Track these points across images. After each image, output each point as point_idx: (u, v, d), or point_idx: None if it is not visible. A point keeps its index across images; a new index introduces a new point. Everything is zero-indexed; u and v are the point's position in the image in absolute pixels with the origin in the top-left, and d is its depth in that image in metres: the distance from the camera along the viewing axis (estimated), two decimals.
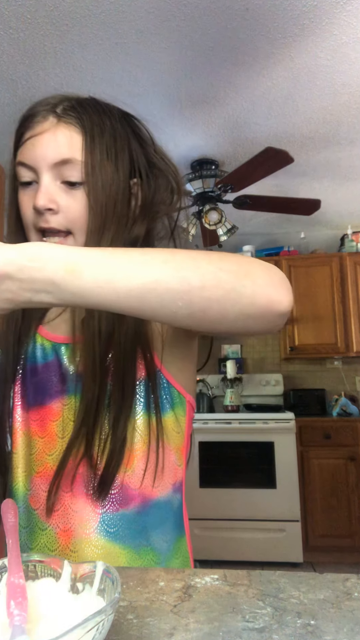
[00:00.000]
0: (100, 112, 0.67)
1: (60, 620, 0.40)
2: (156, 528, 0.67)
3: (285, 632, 0.42)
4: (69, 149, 0.64)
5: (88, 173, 0.64)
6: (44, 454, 0.67)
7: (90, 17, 1.89)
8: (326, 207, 3.43)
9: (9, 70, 2.20)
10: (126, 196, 0.68)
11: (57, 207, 0.65)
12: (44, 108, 0.67)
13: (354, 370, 4.08)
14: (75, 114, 0.66)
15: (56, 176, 0.65)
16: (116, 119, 0.68)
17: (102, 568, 0.42)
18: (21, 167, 0.67)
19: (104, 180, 0.65)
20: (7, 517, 0.47)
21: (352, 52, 2.09)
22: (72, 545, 0.64)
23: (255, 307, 0.50)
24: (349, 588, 0.50)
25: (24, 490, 0.68)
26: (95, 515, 0.64)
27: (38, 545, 0.65)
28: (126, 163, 0.67)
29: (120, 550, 0.64)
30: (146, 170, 0.69)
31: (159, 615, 0.45)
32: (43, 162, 0.65)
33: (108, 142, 0.66)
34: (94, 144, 0.65)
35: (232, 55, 2.12)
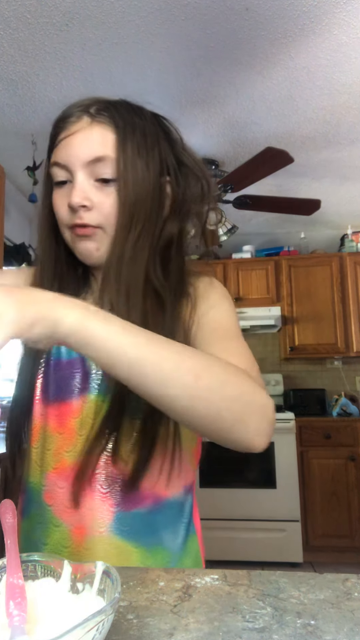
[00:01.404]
0: (131, 112, 0.69)
1: (60, 620, 0.40)
2: (167, 527, 0.68)
3: (285, 632, 0.41)
4: (102, 146, 0.66)
5: (120, 169, 0.66)
6: (62, 450, 0.67)
7: (90, 17, 1.89)
8: (326, 207, 3.43)
9: (9, 70, 2.20)
10: (157, 193, 0.69)
11: (91, 204, 0.66)
12: (78, 109, 0.69)
13: (354, 370, 4.08)
14: (108, 113, 0.68)
15: (90, 174, 0.67)
16: (147, 119, 0.70)
17: (102, 568, 0.42)
18: (56, 167, 0.70)
19: (134, 177, 0.66)
20: (6, 517, 0.47)
21: (352, 52, 2.09)
22: (85, 543, 0.64)
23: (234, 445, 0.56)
24: (349, 588, 0.50)
25: (39, 485, 0.69)
26: (110, 514, 0.65)
27: (52, 542, 0.66)
28: (156, 161, 0.69)
29: (133, 549, 0.65)
30: (175, 169, 0.71)
31: (159, 615, 0.45)
32: (77, 160, 0.67)
33: (139, 140, 0.67)
34: (126, 141, 0.66)
35: (232, 55, 2.12)
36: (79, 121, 0.68)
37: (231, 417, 0.52)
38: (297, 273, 3.91)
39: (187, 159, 0.72)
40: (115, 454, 0.64)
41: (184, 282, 0.72)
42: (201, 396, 0.50)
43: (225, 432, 0.54)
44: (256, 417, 0.54)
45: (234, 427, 0.53)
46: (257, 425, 0.54)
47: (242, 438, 0.54)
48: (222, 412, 0.52)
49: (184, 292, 0.71)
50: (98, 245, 0.68)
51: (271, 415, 0.56)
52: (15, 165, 2.88)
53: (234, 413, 0.53)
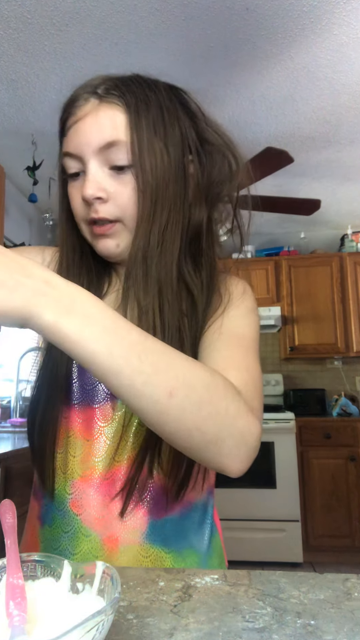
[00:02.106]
0: (144, 87, 0.63)
1: (60, 620, 0.40)
2: (196, 530, 0.67)
3: (285, 632, 0.41)
4: (112, 130, 0.60)
5: (135, 153, 0.60)
6: (90, 457, 0.64)
7: (90, 17, 1.89)
8: (326, 207, 3.43)
9: (9, 70, 2.20)
10: (180, 176, 0.62)
11: (107, 195, 0.61)
12: (86, 91, 0.63)
13: (354, 370, 4.08)
14: (118, 92, 0.61)
15: (103, 162, 0.61)
16: (162, 93, 0.64)
17: (102, 568, 0.41)
18: (67, 158, 0.63)
19: (153, 160, 0.60)
20: (6, 517, 0.46)
21: (352, 52, 2.09)
22: (118, 553, 0.62)
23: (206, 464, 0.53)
24: (349, 588, 0.50)
25: (64, 493, 0.64)
26: (144, 523, 0.63)
27: (81, 552, 0.62)
28: (176, 139, 0.62)
29: (166, 555, 0.64)
30: (197, 147, 0.64)
31: (159, 615, 0.45)
32: (87, 148, 0.60)
33: (155, 118, 0.61)
34: (140, 121, 0.60)
35: (232, 55, 2.12)
36: (87, 104, 0.62)
37: (203, 439, 0.49)
38: (297, 273, 3.91)
39: (210, 134, 0.65)
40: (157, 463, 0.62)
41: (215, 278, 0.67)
42: (171, 414, 0.47)
43: (195, 452, 0.50)
44: (232, 442, 0.50)
45: (206, 448, 0.50)
46: (231, 450, 0.51)
47: (214, 460, 0.51)
48: (192, 433, 0.48)
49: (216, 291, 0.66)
50: (118, 241, 0.64)
51: (252, 442, 0.52)
52: (15, 165, 2.88)
53: (206, 435, 0.49)
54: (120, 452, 0.63)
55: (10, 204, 3.10)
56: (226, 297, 0.66)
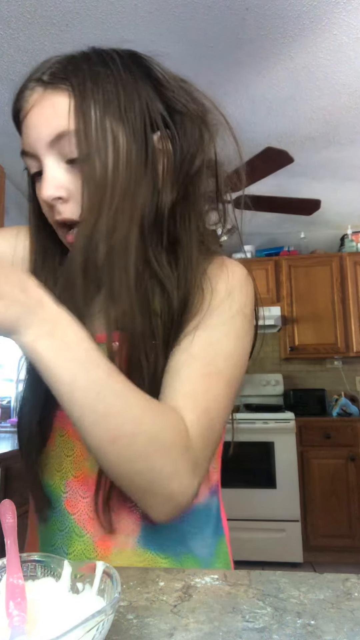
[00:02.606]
0: (96, 63, 0.56)
1: (60, 620, 0.40)
2: (196, 535, 0.64)
3: (285, 632, 0.41)
4: (57, 119, 0.53)
5: (81, 141, 0.52)
6: (82, 458, 0.63)
7: (90, 17, 1.89)
8: (326, 207, 3.43)
9: (9, 70, 2.20)
10: (141, 158, 0.55)
11: (67, 194, 0.55)
12: (32, 79, 0.56)
13: (354, 370, 4.08)
14: (64, 74, 0.54)
15: (59, 157, 0.54)
16: (117, 65, 0.56)
17: (102, 568, 0.41)
18: (26, 158, 0.58)
19: (102, 145, 0.53)
20: (6, 517, 0.46)
21: (352, 52, 2.09)
22: (111, 555, 0.61)
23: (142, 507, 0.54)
24: (349, 588, 0.50)
25: (59, 492, 0.64)
26: (136, 527, 0.61)
27: (75, 552, 0.61)
28: (136, 115, 0.54)
29: (162, 560, 0.62)
30: (165, 119, 0.56)
31: (159, 615, 0.45)
32: (39, 143, 0.55)
33: (107, 97, 0.53)
34: (87, 103, 0.52)
35: (232, 55, 2.12)
36: (33, 94, 0.55)
37: (132, 488, 0.51)
38: (297, 273, 3.91)
39: (177, 101, 0.57)
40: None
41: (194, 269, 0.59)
42: (109, 459, 0.49)
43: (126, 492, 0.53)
44: (159, 499, 0.51)
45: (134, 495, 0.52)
46: (157, 506, 0.52)
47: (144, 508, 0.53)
48: (124, 480, 0.51)
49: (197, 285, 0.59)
50: None
51: (181, 502, 0.52)
52: (15, 165, 2.87)
53: (137, 487, 0.51)
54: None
55: (10, 204, 3.10)
56: (208, 296, 0.58)
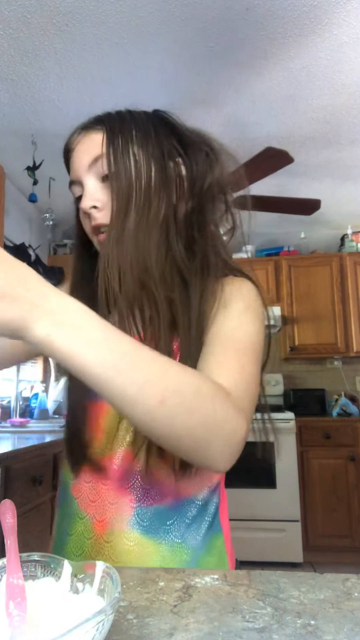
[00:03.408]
0: (123, 114, 0.72)
1: (60, 620, 0.40)
2: (189, 526, 0.68)
3: (285, 632, 0.41)
4: (94, 147, 0.68)
5: (110, 162, 0.67)
6: (90, 445, 0.70)
7: (90, 17, 1.89)
8: (326, 207, 3.42)
9: (9, 70, 2.20)
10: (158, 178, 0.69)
11: (101, 204, 0.68)
12: (77, 129, 0.73)
13: (354, 370, 4.08)
14: (99, 120, 0.71)
15: (94, 177, 0.69)
16: (140, 114, 0.72)
17: (102, 568, 0.42)
18: (73, 186, 0.72)
19: (127, 165, 0.67)
20: (6, 517, 0.46)
21: (352, 52, 2.09)
22: (106, 536, 0.67)
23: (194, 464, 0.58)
24: (349, 588, 0.50)
25: (68, 479, 0.73)
26: (129, 509, 0.67)
27: (76, 532, 0.69)
28: (152, 147, 0.69)
29: (153, 545, 0.66)
30: (180, 151, 0.71)
31: (159, 615, 0.45)
32: (81, 169, 0.70)
33: (128, 133, 0.69)
34: (115, 135, 0.68)
35: (232, 55, 2.12)
36: (77, 137, 0.72)
37: (192, 443, 0.52)
38: (297, 273, 3.91)
39: (189, 138, 0.72)
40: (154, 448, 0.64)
41: (210, 266, 0.71)
42: (162, 421, 0.50)
43: (183, 454, 0.54)
44: (219, 445, 0.53)
45: (194, 452, 0.53)
46: (218, 453, 0.54)
47: (201, 462, 0.55)
48: (182, 438, 0.51)
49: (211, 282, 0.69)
50: None
51: (237, 443, 0.55)
52: (15, 165, 2.88)
53: (195, 439, 0.52)
54: (113, 441, 0.68)
55: (10, 204, 3.10)
56: (220, 294, 0.68)
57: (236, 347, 0.64)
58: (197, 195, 0.71)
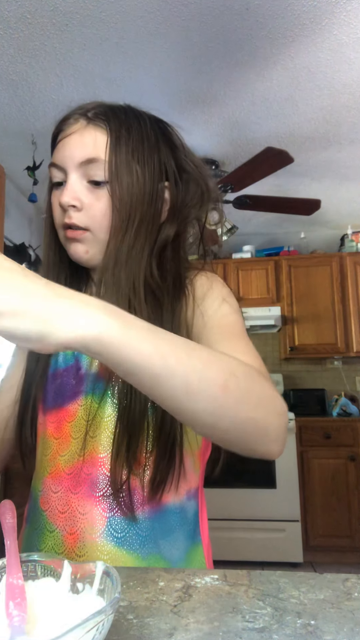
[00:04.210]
0: (130, 116, 0.69)
1: (60, 620, 0.40)
2: (167, 536, 0.65)
3: (285, 632, 0.41)
4: (93, 148, 0.66)
5: (112, 172, 0.66)
6: (57, 454, 0.67)
7: (90, 17, 1.89)
8: (326, 207, 3.43)
9: (9, 70, 2.20)
10: (153, 199, 0.68)
11: (81, 205, 0.67)
12: (78, 112, 0.70)
13: (354, 370, 4.08)
14: (105, 117, 0.68)
15: (82, 175, 0.67)
16: (146, 123, 0.70)
17: (102, 568, 0.42)
18: (53, 168, 0.70)
19: (128, 180, 0.66)
20: (5, 517, 0.46)
21: (352, 52, 2.09)
22: (77, 549, 0.62)
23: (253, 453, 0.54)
24: (349, 588, 0.50)
25: (37, 491, 0.69)
26: (103, 519, 0.63)
27: (46, 548, 0.64)
28: (154, 166, 0.68)
29: (127, 557, 0.62)
30: (175, 175, 0.70)
31: (159, 615, 0.45)
32: (70, 161, 0.67)
33: (135, 144, 0.67)
34: (119, 144, 0.66)
35: (232, 55, 2.12)
36: (76, 123, 0.69)
37: (254, 428, 0.50)
38: (297, 273, 3.91)
39: (188, 164, 0.72)
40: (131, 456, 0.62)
41: (181, 281, 0.71)
42: (228, 409, 0.47)
43: (245, 443, 0.51)
44: (275, 425, 0.51)
45: (256, 437, 0.51)
46: (276, 433, 0.52)
47: (262, 448, 0.52)
48: (246, 424, 0.49)
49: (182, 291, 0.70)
50: (87, 248, 0.68)
51: (286, 420, 0.54)
52: (15, 165, 2.88)
53: (257, 423, 0.50)
54: (82, 448, 0.65)
55: (10, 204, 3.10)
56: (190, 294, 0.69)
57: (232, 331, 0.65)
58: (177, 222, 0.71)
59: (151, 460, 0.64)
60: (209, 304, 0.68)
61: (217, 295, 0.70)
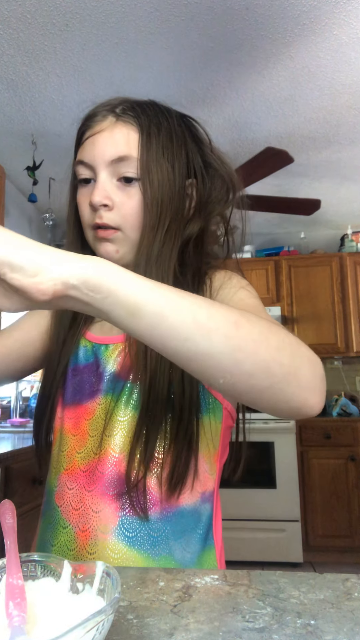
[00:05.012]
0: (157, 112, 0.70)
1: (60, 620, 0.40)
2: (179, 538, 0.64)
3: (285, 632, 0.41)
4: (125, 146, 0.66)
5: (144, 169, 0.65)
6: (74, 451, 0.68)
7: (90, 17, 1.89)
8: (326, 207, 3.43)
9: (9, 70, 2.20)
10: (181, 195, 0.68)
11: (112, 204, 0.66)
12: (104, 108, 0.69)
13: (354, 370, 4.08)
14: (134, 113, 0.67)
15: (113, 173, 0.66)
16: (174, 120, 0.70)
17: (102, 568, 0.41)
18: (80, 166, 0.69)
19: (159, 177, 0.66)
20: (5, 517, 0.46)
21: (352, 52, 2.09)
22: (89, 547, 0.63)
23: (288, 406, 0.49)
24: (349, 588, 0.50)
25: (52, 486, 0.69)
26: (115, 518, 0.63)
27: (58, 543, 0.65)
28: (182, 163, 0.68)
29: (138, 557, 0.62)
30: (202, 171, 0.70)
31: (159, 615, 0.45)
32: (101, 159, 0.66)
33: (164, 141, 0.67)
34: (150, 142, 0.66)
35: (232, 55, 2.12)
36: (104, 120, 0.68)
37: (281, 371, 0.46)
38: (297, 273, 3.91)
39: (214, 160, 0.71)
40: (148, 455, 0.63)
41: (200, 276, 0.71)
42: (246, 348, 0.44)
43: (277, 391, 0.46)
44: (307, 370, 0.47)
45: (287, 382, 0.46)
46: (309, 380, 0.47)
47: (295, 396, 0.47)
48: (270, 365, 0.45)
49: (201, 286, 0.70)
50: (118, 247, 0.68)
51: (321, 370, 0.49)
52: (15, 165, 2.88)
53: (283, 365, 0.46)
54: (99, 446, 0.66)
55: (10, 204, 3.10)
56: (208, 287, 0.69)
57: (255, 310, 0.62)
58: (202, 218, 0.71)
59: (168, 461, 0.64)
60: (226, 292, 0.68)
61: (235, 284, 0.69)
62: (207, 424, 0.67)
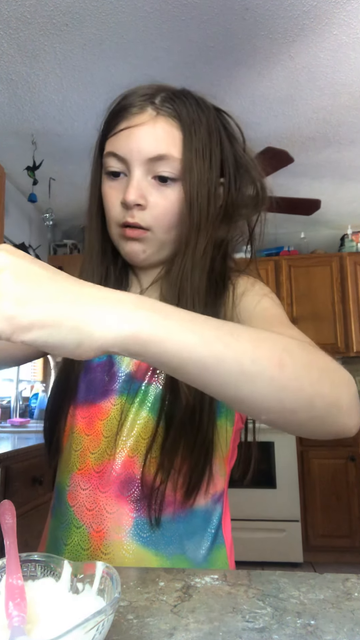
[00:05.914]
0: (195, 105, 0.66)
1: (60, 620, 0.40)
2: (191, 537, 0.65)
3: (285, 632, 0.41)
4: (167, 145, 0.63)
5: (185, 170, 0.63)
6: (87, 451, 0.66)
7: (90, 17, 1.89)
8: (326, 207, 3.43)
9: (9, 70, 2.20)
10: (216, 195, 0.66)
11: (146, 203, 0.63)
12: (142, 99, 0.65)
13: (354, 370, 4.07)
14: (174, 106, 0.64)
15: (148, 171, 0.63)
16: (210, 114, 0.67)
17: (102, 568, 0.41)
18: (112, 158, 0.65)
19: (199, 178, 0.63)
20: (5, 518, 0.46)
21: (352, 52, 2.09)
22: (103, 547, 0.63)
23: (327, 432, 0.48)
24: (349, 588, 0.50)
25: (64, 485, 0.68)
26: (129, 519, 0.63)
27: (72, 543, 0.65)
28: (217, 161, 0.66)
29: (152, 557, 0.62)
30: (234, 170, 0.68)
31: (159, 615, 0.45)
32: (138, 155, 0.63)
33: (204, 139, 0.64)
34: (192, 141, 0.63)
35: (232, 55, 2.12)
36: (143, 113, 0.64)
37: (323, 403, 0.45)
38: (297, 273, 3.91)
39: (247, 161, 0.69)
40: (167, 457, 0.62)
41: (224, 280, 0.69)
42: (289, 386, 0.43)
43: (318, 423, 0.46)
44: (346, 396, 0.47)
45: (327, 413, 0.46)
46: (349, 406, 0.47)
47: (335, 424, 0.47)
48: (313, 400, 0.44)
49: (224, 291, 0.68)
50: (145, 247, 0.66)
51: (356, 390, 0.48)
52: (15, 165, 2.88)
53: (325, 398, 0.45)
54: (113, 448, 0.65)
55: (10, 204, 3.10)
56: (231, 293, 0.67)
57: (279, 320, 0.61)
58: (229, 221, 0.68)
59: (185, 469, 0.63)
60: (249, 300, 0.66)
61: (258, 291, 0.67)
62: (222, 428, 0.67)
